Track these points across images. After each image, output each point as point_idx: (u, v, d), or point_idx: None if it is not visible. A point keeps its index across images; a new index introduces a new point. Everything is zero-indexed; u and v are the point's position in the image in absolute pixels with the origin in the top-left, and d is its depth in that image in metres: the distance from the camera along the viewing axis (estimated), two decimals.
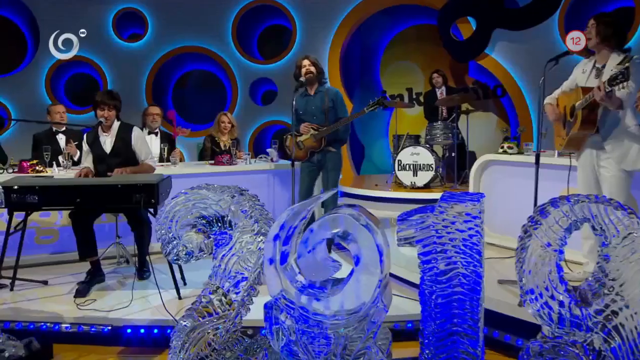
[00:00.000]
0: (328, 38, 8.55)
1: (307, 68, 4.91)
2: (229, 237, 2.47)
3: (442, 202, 2.25)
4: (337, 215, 2.24)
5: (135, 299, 3.77)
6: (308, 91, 4.99)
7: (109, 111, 4.32)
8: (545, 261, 2.11)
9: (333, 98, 4.99)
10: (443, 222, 2.19)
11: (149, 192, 3.68)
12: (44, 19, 8.13)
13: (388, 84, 9.42)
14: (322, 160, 5.00)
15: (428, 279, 2.22)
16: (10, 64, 8.34)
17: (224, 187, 2.52)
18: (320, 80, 5.01)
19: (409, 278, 4.04)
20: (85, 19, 8.21)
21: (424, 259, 2.24)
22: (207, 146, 6.26)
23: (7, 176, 4.49)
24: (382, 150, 9.46)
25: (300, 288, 2.30)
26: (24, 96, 8.14)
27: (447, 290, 2.15)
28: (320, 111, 4.96)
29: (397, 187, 7.12)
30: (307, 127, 4.94)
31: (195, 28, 8.56)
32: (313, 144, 4.94)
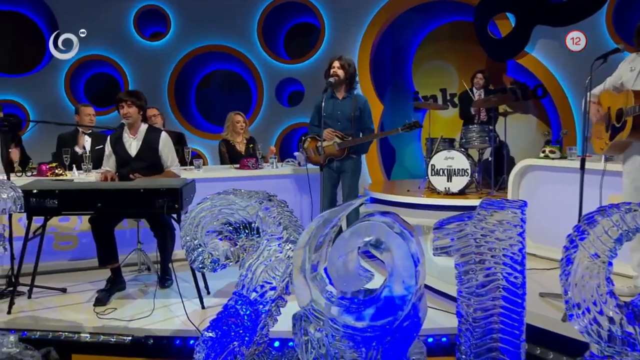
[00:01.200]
0: (358, 36, 8.57)
1: (334, 70, 4.93)
2: (256, 244, 2.49)
3: (481, 209, 2.24)
4: (370, 222, 2.24)
5: (157, 308, 3.83)
6: (336, 94, 5.01)
7: (129, 107, 4.39)
8: (593, 274, 2.08)
9: (361, 107, 5.02)
10: (482, 231, 2.18)
11: (173, 197, 3.74)
12: (63, 17, 8.31)
13: (421, 85, 9.39)
14: (341, 165, 5.02)
15: (466, 290, 2.21)
16: (29, 63, 8.54)
17: (252, 192, 2.54)
18: (349, 85, 5.00)
19: (442, 289, 4.02)
20: (106, 16, 8.40)
21: (462, 269, 2.22)
22: (223, 151, 6.31)
23: (25, 179, 4.59)
24: (414, 154, 9.42)
25: (330, 299, 2.30)
26: (43, 97, 8.33)
27: (487, 303, 2.13)
28: (346, 118, 4.98)
29: (430, 193, 7.09)
30: (331, 134, 4.95)
31: (219, 26, 8.66)
32: (334, 151, 4.96)
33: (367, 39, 8.57)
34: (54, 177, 4.86)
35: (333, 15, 8.65)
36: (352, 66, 5.03)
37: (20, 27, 8.62)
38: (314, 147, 5.08)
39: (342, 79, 4.94)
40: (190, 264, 2.66)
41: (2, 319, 3.66)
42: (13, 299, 3.89)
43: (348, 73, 4.95)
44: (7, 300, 3.93)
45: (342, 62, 4.95)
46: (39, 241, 4.06)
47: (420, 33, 9.31)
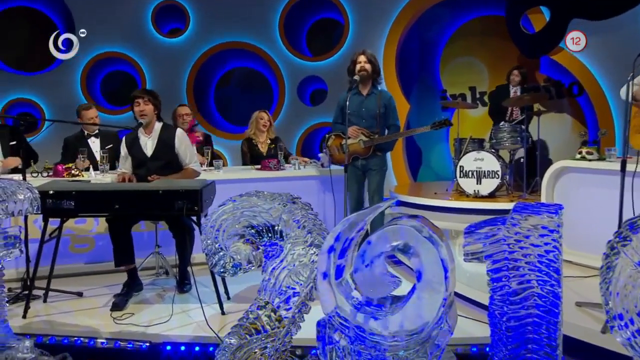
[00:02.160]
0: (383, 32, 8.56)
1: (362, 65, 4.95)
2: (279, 248, 2.50)
3: (514, 213, 2.23)
4: (398, 226, 2.24)
5: (176, 313, 3.86)
6: (360, 91, 5.02)
7: (145, 104, 4.44)
8: (636, 283, 2.05)
9: (386, 103, 5.03)
10: (516, 236, 2.16)
11: (192, 198, 3.77)
12: (79, 13, 8.43)
13: (449, 83, 9.35)
14: (367, 164, 5.04)
15: (498, 298, 2.20)
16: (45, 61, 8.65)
17: (275, 195, 2.56)
18: (374, 80, 5.03)
19: (472, 296, 3.99)
20: (123, 12, 8.50)
21: (494, 276, 2.21)
22: (245, 151, 6.36)
23: (41, 180, 4.67)
24: (442, 155, 9.38)
25: (356, 305, 2.31)
26: (59, 95, 8.44)
27: (520, 312, 2.12)
28: (371, 115, 5.00)
29: (459, 195, 7.05)
30: (357, 131, 4.96)
31: (239, 22, 8.72)
32: (360, 150, 4.97)
33: (392, 35, 8.55)
34: (70, 177, 4.93)
35: (357, 11, 8.66)
36: (376, 60, 5.07)
37: (35, 24, 8.75)
38: (338, 145, 5.10)
39: (370, 73, 4.96)
40: (210, 268, 2.68)
41: (18, 324, 3.71)
42: (28, 302, 3.96)
43: (374, 67, 4.99)
44: (23, 304, 3.99)
45: (367, 56, 4.99)
46: (55, 244, 4.13)
47: (449, 28, 9.26)
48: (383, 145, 5.03)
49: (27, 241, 4.27)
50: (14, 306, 4.03)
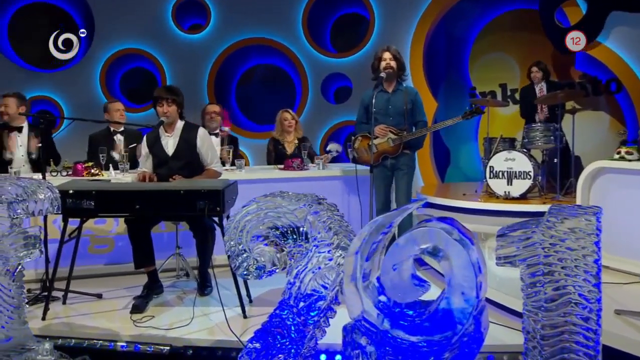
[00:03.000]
0: (410, 28, 8.53)
1: (387, 62, 4.94)
2: (304, 250, 2.51)
3: (550, 215, 2.20)
4: (427, 228, 2.23)
5: (197, 316, 3.89)
6: (385, 88, 5.02)
7: (169, 106, 4.47)
8: None
9: (413, 99, 5.04)
10: (551, 240, 2.14)
11: (214, 198, 3.80)
12: (99, 9, 8.52)
13: (478, 80, 9.29)
14: (396, 163, 5.03)
15: (532, 305, 2.17)
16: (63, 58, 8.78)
17: (300, 195, 2.57)
18: (399, 77, 5.03)
19: (502, 302, 3.96)
20: (143, 8, 8.58)
21: (528, 281, 2.19)
22: (270, 149, 6.40)
23: (60, 179, 4.73)
24: (471, 155, 9.32)
25: (383, 310, 2.31)
26: (78, 92, 8.53)
27: (556, 320, 2.10)
28: (398, 112, 5.00)
29: (488, 197, 7.00)
30: (384, 130, 4.96)
31: (261, 17, 8.75)
32: (388, 148, 4.97)
33: (420, 31, 8.52)
34: (90, 177, 5.00)
35: (383, 5, 8.64)
36: (401, 57, 5.07)
37: (54, 20, 8.86)
38: (366, 146, 5.08)
39: (395, 71, 4.96)
40: (234, 271, 2.69)
41: (37, 325, 3.77)
42: (48, 304, 4.02)
43: (400, 64, 4.99)
44: (42, 306, 4.05)
45: (392, 53, 4.99)
46: (75, 244, 4.18)
47: (478, 23, 9.20)
48: (412, 142, 5.02)
49: (47, 242, 4.33)
50: (33, 307, 4.10)
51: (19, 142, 5.48)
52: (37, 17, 8.76)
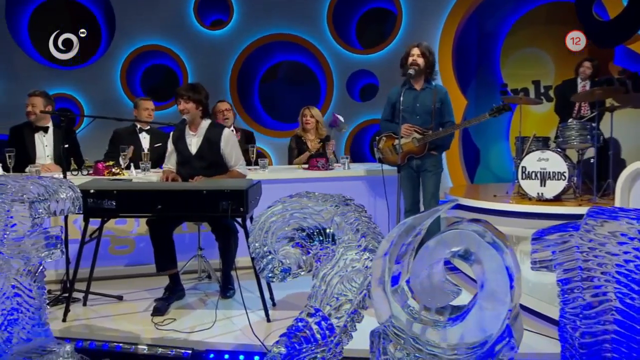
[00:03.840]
0: (439, 23, 8.48)
1: (414, 58, 4.91)
2: (331, 252, 2.51)
3: (589, 218, 2.17)
4: (459, 231, 2.22)
5: (219, 319, 3.92)
6: (414, 85, 5.00)
7: (186, 103, 4.50)
8: None
9: (442, 98, 5.01)
10: (590, 244, 2.12)
11: (238, 199, 3.82)
12: (120, 5, 8.61)
13: (510, 76, 9.20)
14: (422, 164, 5.01)
15: (570, 312, 2.15)
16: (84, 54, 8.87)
17: (327, 196, 2.57)
18: (428, 75, 4.99)
19: (535, 308, 3.92)
20: (164, 4, 8.65)
21: (565, 287, 2.17)
22: (292, 147, 6.41)
23: (82, 179, 4.78)
24: (502, 155, 9.25)
25: (412, 315, 2.30)
26: (98, 90, 8.62)
27: (596, 328, 2.07)
28: (425, 111, 4.97)
29: (520, 198, 6.94)
30: (410, 129, 4.93)
31: (285, 13, 8.77)
32: (414, 148, 4.95)
33: (449, 26, 8.47)
34: (111, 176, 5.05)
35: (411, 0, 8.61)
36: (432, 54, 5.02)
37: (74, 16, 8.98)
38: (391, 146, 5.07)
39: (422, 68, 4.93)
40: (258, 273, 2.71)
41: (57, 327, 3.82)
42: (68, 306, 4.07)
43: (428, 62, 4.94)
44: (62, 307, 4.11)
45: (422, 50, 4.94)
46: (95, 245, 4.23)
47: (511, 17, 9.11)
48: (438, 142, 4.99)
49: (67, 242, 4.39)
50: (53, 309, 4.15)
51: (45, 142, 5.52)
52: (57, 13, 8.88)
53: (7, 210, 2.91)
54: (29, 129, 5.50)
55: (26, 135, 5.48)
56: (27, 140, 5.47)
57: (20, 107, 5.65)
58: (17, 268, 2.97)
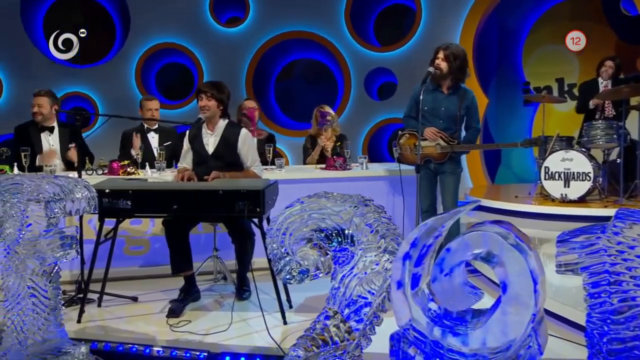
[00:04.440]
0: (459, 20, 8.46)
1: (437, 62, 4.87)
2: (350, 254, 2.51)
3: (617, 220, 2.15)
4: (481, 232, 2.20)
5: (235, 322, 3.92)
6: (441, 87, 4.96)
7: (208, 100, 4.52)
8: None
9: (469, 104, 4.98)
10: (618, 246, 2.09)
11: (254, 199, 3.83)
12: (134, 2, 8.67)
13: (532, 74, 9.17)
14: (440, 167, 4.99)
15: (597, 317, 2.13)
16: (98, 52, 8.95)
17: (346, 196, 2.57)
18: (456, 79, 4.93)
19: (560, 312, 3.88)
20: (180, 1, 8.69)
21: (592, 291, 2.14)
22: (307, 147, 6.42)
23: (96, 178, 4.83)
24: (524, 155, 9.20)
25: (433, 318, 2.29)
26: (112, 89, 8.69)
27: (625, 333, 2.04)
28: (450, 116, 4.94)
29: (543, 200, 6.90)
30: (435, 134, 4.89)
31: (302, 10, 8.78)
32: (435, 154, 4.92)
33: (470, 22, 8.44)
34: (126, 175, 5.08)
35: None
36: (459, 59, 4.89)
37: (88, 14, 9.05)
38: (412, 146, 5.04)
39: (445, 73, 4.87)
40: (276, 274, 2.71)
41: (72, 328, 3.85)
42: (83, 307, 4.10)
43: (452, 67, 4.85)
44: (76, 308, 4.15)
45: (446, 53, 4.85)
46: (110, 245, 4.26)
47: (533, 14, 9.06)
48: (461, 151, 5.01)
49: (82, 242, 4.42)
50: (68, 310, 4.19)
51: (50, 142, 5.56)
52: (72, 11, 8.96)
53: (23, 210, 2.95)
54: (34, 128, 5.54)
55: (32, 134, 5.51)
56: (33, 139, 5.50)
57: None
58: (32, 268, 3.00)
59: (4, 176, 3.26)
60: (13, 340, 3.03)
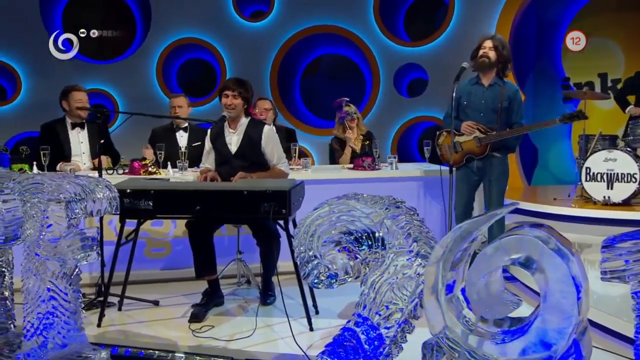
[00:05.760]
0: (494, 12, 8.39)
1: (485, 51, 4.86)
2: (380, 258, 2.50)
3: None
4: (519, 236, 2.19)
5: (259, 327, 3.94)
6: (480, 80, 4.94)
7: (234, 99, 4.54)
8: None
9: (511, 97, 4.93)
10: None
11: (280, 200, 3.84)
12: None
13: (572, 69, 9.07)
14: (484, 167, 4.94)
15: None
16: (118, 48, 9.04)
17: (376, 198, 2.57)
18: (500, 70, 4.92)
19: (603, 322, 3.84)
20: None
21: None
22: (336, 148, 6.40)
23: (117, 178, 4.87)
24: (563, 155, 9.12)
25: (468, 326, 2.28)
26: (133, 85, 8.77)
27: None
28: (491, 109, 4.90)
29: (584, 202, 6.82)
30: (472, 127, 4.87)
31: (328, 4, 8.79)
32: (474, 148, 4.89)
33: (506, 14, 8.36)
34: (147, 175, 5.13)
35: None
36: (507, 49, 4.93)
37: (108, 8, 9.14)
38: (450, 143, 5.00)
39: (493, 62, 4.86)
40: (303, 279, 2.72)
41: (92, 332, 3.89)
42: (103, 310, 4.15)
43: (502, 57, 4.87)
44: (96, 312, 4.20)
45: (495, 43, 4.88)
46: (131, 247, 4.28)
47: (575, 5, 8.95)
48: (503, 143, 4.91)
49: (102, 244, 4.47)
50: (87, 313, 4.23)
51: (80, 139, 5.62)
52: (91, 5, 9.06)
53: (43, 210, 3.00)
54: (62, 125, 5.60)
55: (60, 132, 5.57)
56: (61, 137, 5.56)
57: (54, 103, 5.76)
58: (52, 270, 3.05)
59: (24, 175, 3.30)
60: (33, 344, 3.09)
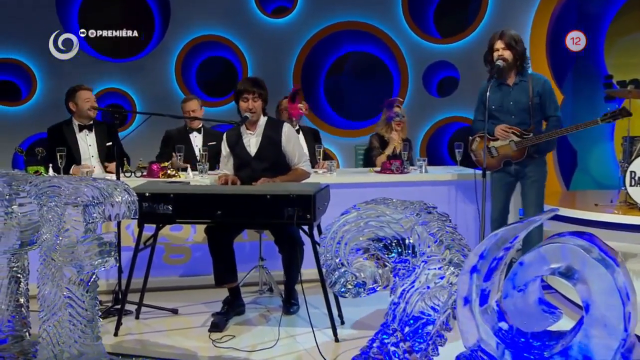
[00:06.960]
0: (531, 7, 8.37)
1: (499, 53, 4.81)
2: (411, 266, 2.50)
3: None
4: (559, 245, 2.19)
5: (282, 338, 3.94)
6: (506, 81, 4.90)
7: (254, 101, 4.53)
8: None
9: (540, 90, 4.87)
10: None
11: (304, 205, 3.83)
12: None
13: (615, 66, 9.00)
14: (521, 169, 4.89)
15: None
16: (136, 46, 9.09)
17: (406, 203, 2.57)
18: (520, 67, 4.87)
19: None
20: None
21: None
22: (375, 146, 6.31)
23: (135, 181, 4.90)
24: (604, 158, 9.06)
25: (504, 339, 2.27)
26: (151, 85, 8.79)
27: None
28: (521, 108, 4.85)
29: (628, 209, 6.82)
30: (507, 131, 4.82)
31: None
32: (511, 153, 4.84)
33: (543, 10, 8.32)
34: (166, 178, 5.16)
35: None
36: (520, 42, 4.86)
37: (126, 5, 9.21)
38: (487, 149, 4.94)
39: (511, 63, 4.81)
40: (329, 287, 2.72)
41: (109, 342, 3.91)
42: (120, 319, 4.18)
43: (517, 53, 4.81)
44: (113, 320, 4.23)
45: (506, 41, 4.80)
46: (150, 253, 4.31)
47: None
48: (541, 145, 4.86)
49: (120, 250, 4.50)
50: (104, 322, 4.23)
51: (88, 142, 5.67)
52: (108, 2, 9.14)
53: (60, 214, 3.02)
54: (69, 127, 5.63)
55: (68, 134, 5.59)
56: (69, 140, 5.57)
57: None
58: (69, 277, 3.07)
59: (40, 178, 3.32)
60: (48, 353, 3.12)
